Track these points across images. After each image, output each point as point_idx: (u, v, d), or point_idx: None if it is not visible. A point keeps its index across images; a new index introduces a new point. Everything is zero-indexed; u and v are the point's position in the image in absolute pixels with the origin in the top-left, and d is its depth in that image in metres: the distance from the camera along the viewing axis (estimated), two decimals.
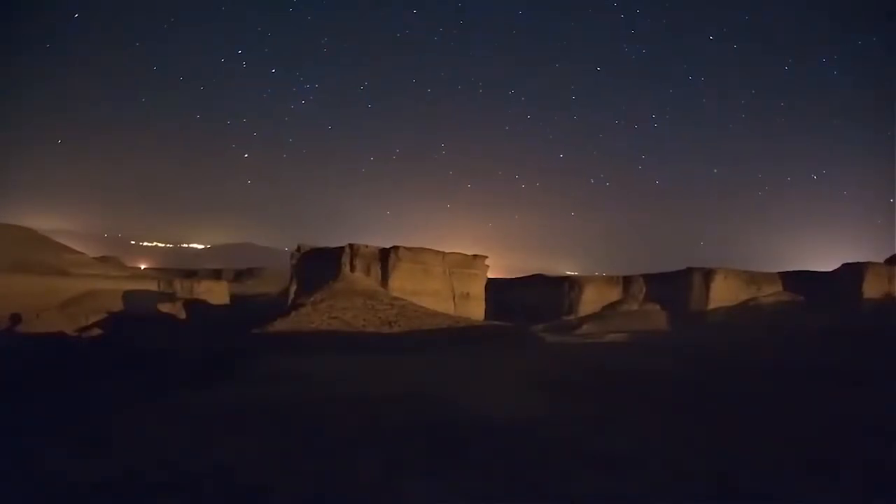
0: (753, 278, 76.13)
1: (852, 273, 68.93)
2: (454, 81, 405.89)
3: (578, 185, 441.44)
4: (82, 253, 74.68)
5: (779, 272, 78.01)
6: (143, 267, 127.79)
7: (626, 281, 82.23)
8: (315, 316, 45.70)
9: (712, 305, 73.02)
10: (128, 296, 61.98)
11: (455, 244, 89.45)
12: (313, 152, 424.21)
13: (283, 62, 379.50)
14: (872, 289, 67.37)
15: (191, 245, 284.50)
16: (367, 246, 58.26)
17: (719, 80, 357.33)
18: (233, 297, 78.31)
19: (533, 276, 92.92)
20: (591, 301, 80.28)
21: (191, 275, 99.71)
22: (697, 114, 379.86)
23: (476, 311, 61.04)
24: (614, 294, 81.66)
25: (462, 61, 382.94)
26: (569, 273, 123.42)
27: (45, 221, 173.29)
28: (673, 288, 76.49)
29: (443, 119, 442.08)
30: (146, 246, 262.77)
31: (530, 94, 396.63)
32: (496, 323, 55.57)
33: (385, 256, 57.20)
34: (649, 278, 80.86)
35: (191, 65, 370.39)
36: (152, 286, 68.10)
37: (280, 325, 43.85)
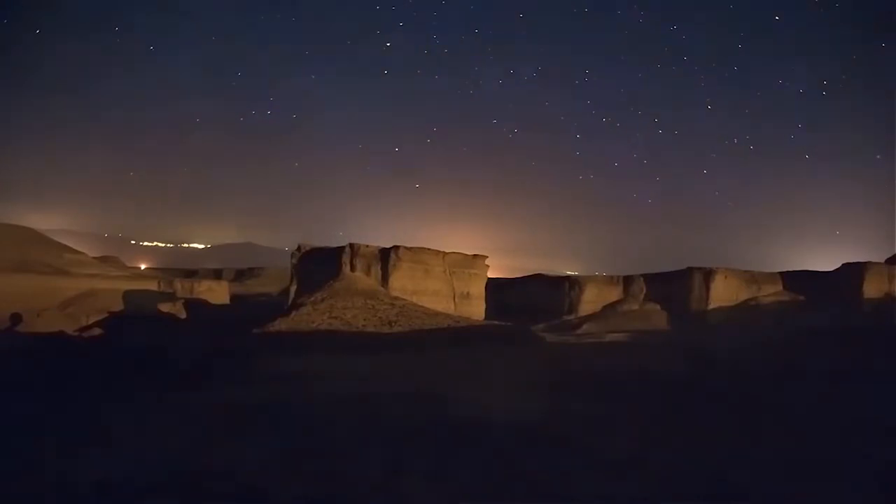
0: (753, 278, 76.01)
1: (852, 273, 68.75)
2: (612, 3, 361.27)
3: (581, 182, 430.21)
4: (82, 253, 74.32)
5: (779, 272, 78.00)
6: (143, 267, 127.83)
7: (626, 281, 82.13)
8: (315, 316, 45.69)
9: (712, 305, 72.88)
10: (128, 296, 61.86)
11: (455, 244, 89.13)
12: (454, 53, 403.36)
13: None
14: (872, 289, 67.19)
15: (191, 245, 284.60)
16: (367, 246, 58.20)
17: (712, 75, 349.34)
18: (233, 297, 78.32)
19: (533, 276, 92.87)
20: (591, 301, 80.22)
21: (191, 275, 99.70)
22: (697, 113, 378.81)
23: (476, 310, 60.95)
24: (614, 294, 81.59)
25: None
26: (569, 273, 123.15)
27: (45, 221, 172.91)
28: (673, 288, 76.38)
29: (592, 42, 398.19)
30: (146, 246, 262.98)
31: (690, 31, 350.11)
32: (496, 323, 55.49)
33: (385, 256, 57.13)
34: (649, 278, 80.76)
35: None
36: (152, 286, 67.99)
37: (280, 325, 43.85)
